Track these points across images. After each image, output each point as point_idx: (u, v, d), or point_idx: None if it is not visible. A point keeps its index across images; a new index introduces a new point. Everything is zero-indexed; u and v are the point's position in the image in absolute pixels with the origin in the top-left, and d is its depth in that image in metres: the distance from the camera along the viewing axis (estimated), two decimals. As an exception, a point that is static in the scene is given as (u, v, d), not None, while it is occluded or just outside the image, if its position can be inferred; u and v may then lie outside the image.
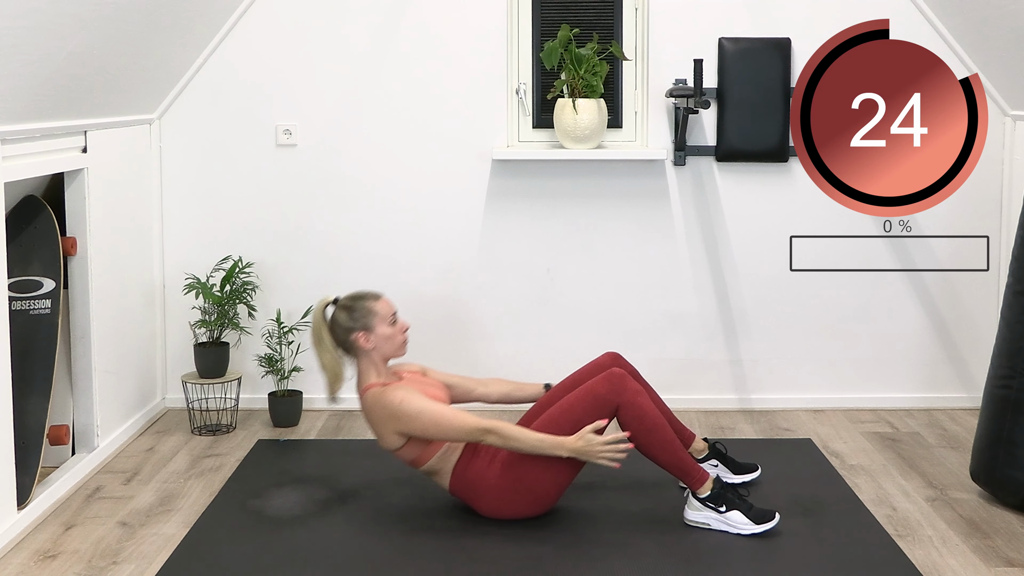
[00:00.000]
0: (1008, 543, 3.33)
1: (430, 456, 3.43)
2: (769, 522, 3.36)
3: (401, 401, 3.37)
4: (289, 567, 3.19)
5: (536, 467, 3.37)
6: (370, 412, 3.45)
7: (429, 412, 3.36)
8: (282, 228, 4.66)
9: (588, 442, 3.32)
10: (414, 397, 3.39)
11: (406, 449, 3.43)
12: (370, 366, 3.51)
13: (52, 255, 3.87)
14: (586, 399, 3.38)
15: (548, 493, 3.41)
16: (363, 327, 3.48)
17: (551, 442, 3.32)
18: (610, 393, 3.36)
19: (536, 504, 3.43)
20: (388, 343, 3.51)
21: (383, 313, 3.51)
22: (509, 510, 3.42)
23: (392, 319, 3.53)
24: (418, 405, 3.36)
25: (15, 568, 3.18)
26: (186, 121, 4.62)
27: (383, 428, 3.42)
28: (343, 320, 3.51)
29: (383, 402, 3.41)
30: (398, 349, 3.54)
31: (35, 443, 3.62)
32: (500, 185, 4.66)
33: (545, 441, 3.32)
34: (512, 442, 3.31)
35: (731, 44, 4.57)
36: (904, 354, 4.72)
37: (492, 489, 3.40)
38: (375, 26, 4.59)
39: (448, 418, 3.35)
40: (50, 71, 3.42)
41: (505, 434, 3.31)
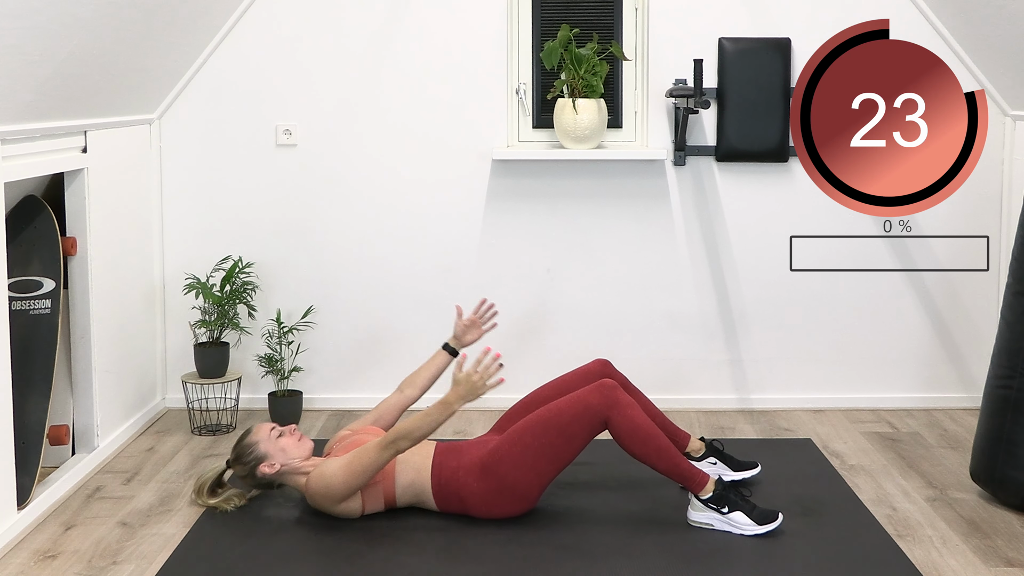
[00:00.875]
0: (1008, 543, 3.33)
1: (392, 491, 3.45)
2: (772, 522, 3.36)
3: (318, 479, 3.41)
4: (289, 567, 3.19)
5: (512, 468, 3.38)
6: (315, 502, 3.46)
7: (341, 465, 3.38)
8: (282, 228, 4.66)
9: (465, 383, 3.34)
10: (324, 468, 3.41)
11: (367, 502, 3.44)
12: (295, 475, 3.53)
13: (52, 255, 3.87)
14: (576, 407, 3.38)
15: (531, 489, 3.42)
16: (258, 460, 3.51)
17: (439, 410, 3.33)
18: (601, 405, 3.36)
19: (523, 501, 3.43)
20: (288, 452, 3.53)
21: (264, 436, 3.55)
22: (500, 510, 3.43)
23: (276, 433, 3.56)
24: (330, 469, 3.39)
25: (15, 568, 3.18)
26: (186, 121, 4.62)
27: (332, 506, 3.43)
28: (241, 471, 3.56)
29: (313, 491, 3.44)
30: (301, 449, 3.54)
31: (35, 443, 3.62)
32: (500, 185, 4.66)
33: (433, 414, 3.33)
34: (416, 433, 3.32)
35: (731, 44, 4.57)
36: (904, 354, 4.72)
37: (476, 495, 3.41)
38: (375, 26, 4.59)
39: (358, 458, 3.36)
40: (50, 71, 3.42)
41: (406, 433, 3.32)
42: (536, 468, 3.39)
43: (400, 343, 4.68)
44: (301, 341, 4.61)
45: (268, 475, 3.51)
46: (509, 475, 3.39)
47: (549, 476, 3.42)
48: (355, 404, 4.70)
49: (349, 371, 4.71)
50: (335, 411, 4.69)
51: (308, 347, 4.66)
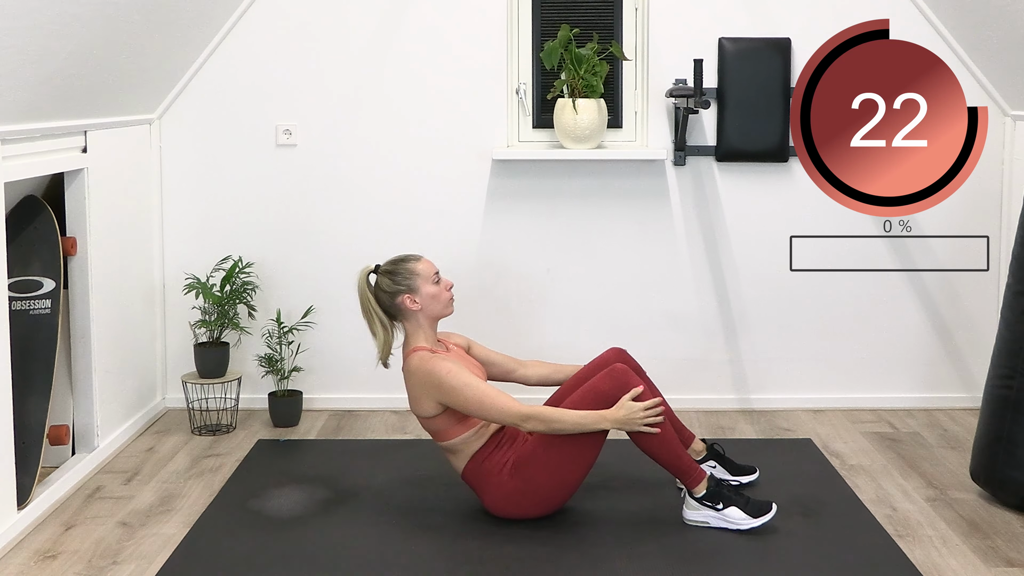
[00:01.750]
0: (1008, 543, 3.33)
1: (458, 434, 3.41)
2: (767, 514, 3.37)
3: (448, 372, 3.35)
4: (289, 567, 3.19)
5: (540, 470, 3.37)
6: (413, 375, 3.42)
7: (474, 389, 3.33)
8: (282, 228, 4.66)
9: (629, 410, 3.32)
10: (462, 371, 3.37)
11: (438, 420, 3.41)
12: (418, 328, 3.49)
13: (52, 255, 3.87)
14: (589, 396, 3.39)
15: (554, 496, 3.42)
16: (408, 289, 3.47)
17: (593, 418, 3.31)
18: (612, 389, 3.37)
19: (542, 506, 3.43)
20: (434, 302, 3.49)
21: (426, 273, 3.50)
22: (515, 510, 3.43)
23: (436, 278, 3.52)
24: (465, 379, 3.34)
25: (15, 568, 3.18)
26: (186, 121, 4.62)
27: (422, 393, 3.39)
28: (387, 285, 3.49)
29: (429, 368, 3.38)
30: (445, 307, 3.52)
31: (35, 443, 3.62)
32: (500, 185, 4.66)
33: (587, 418, 3.30)
34: (554, 424, 3.30)
35: (731, 44, 4.57)
36: (904, 354, 4.72)
37: (503, 486, 3.40)
38: (375, 26, 4.59)
39: (492, 398, 3.32)
40: (50, 71, 3.42)
41: (547, 418, 3.30)
42: (561, 469, 3.37)
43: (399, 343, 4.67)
44: (301, 341, 4.61)
45: (405, 308, 3.46)
46: (537, 476, 3.37)
47: (573, 477, 3.39)
48: (355, 404, 4.70)
49: (349, 371, 4.71)
50: (335, 411, 4.69)
51: (308, 347, 4.66)
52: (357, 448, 4.22)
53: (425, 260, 3.55)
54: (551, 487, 3.39)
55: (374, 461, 4.05)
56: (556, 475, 3.37)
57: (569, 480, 3.40)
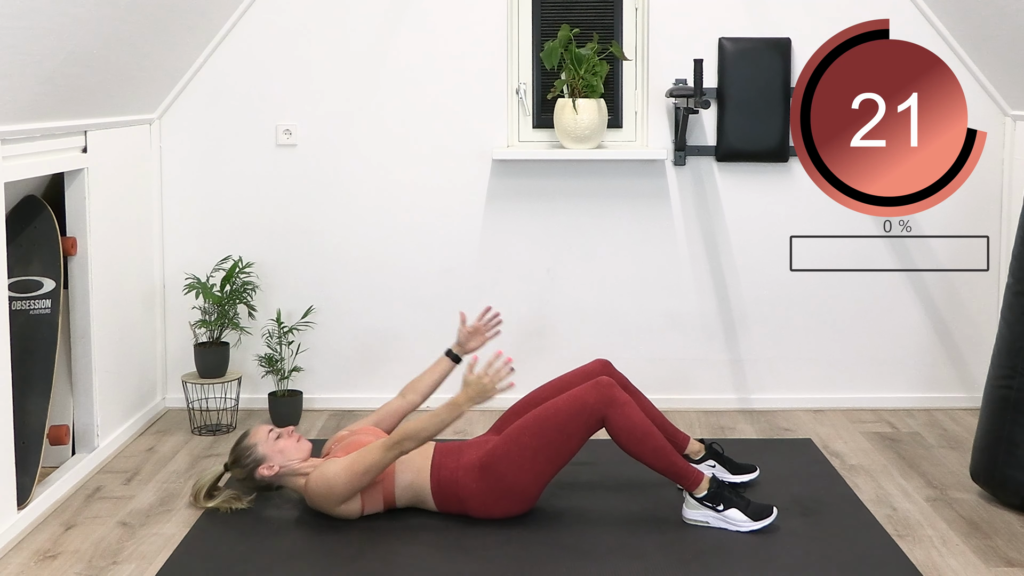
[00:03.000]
0: (1008, 543, 3.33)
1: (392, 491, 3.45)
2: (767, 518, 3.37)
3: (318, 480, 3.40)
4: (289, 567, 3.19)
5: (511, 468, 3.38)
6: (315, 503, 3.45)
7: (343, 466, 3.37)
8: (282, 228, 4.66)
9: (475, 385, 3.35)
10: (325, 468, 3.40)
11: (366, 502, 3.44)
12: (294, 477, 3.52)
13: (52, 255, 3.87)
14: (573, 406, 3.39)
15: (530, 489, 3.42)
16: (256, 463, 3.51)
17: (447, 411, 3.34)
18: (598, 403, 3.37)
19: (522, 501, 3.43)
20: (287, 454, 3.52)
21: (261, 438, 3.54)
22: (499, 510, 3.43)
23: (274, 435, 3.55)
24: (332, 470, 3.38)
25: (15, 568, 3.18)
26: (186, 121, 4.62)
27: (332, 507, 3.42)
28: (240, 473, 3.55)
29: (313, 492, 3.43)
30: (299, 450, 3.53)
31: (35, 443, 3.62)
32: (500, 185, 4.66)
33: (440, 415, 3.33)
34: (423, 433, 3.33)
35: (731, 44, 4.57)
36: (904, 354, 4.72)
37: (475, 496, 3.41)
38: (375, 26, 4.59)
39: (361, 458, 3.35)
40: (50, 71, 3.42)
41: (412, 434, 3.33)
42: (534, 468, 3.39)
43: (400, 343, 4.68)
44: (301, 341, 4.61)
45: (267, 477, 3.50)
46: (507, 475, 3.39)
47: (548, 475, 3.42)
48: (355, 404, 4.70)
49: (349, 371, 4.71)
50: (335, 411, 4.69)
51: (308, 347, 4.66)
52: (357, 448, 4.22)
53: (254, 428, 3.58)
54: (525, 482, 3.40)
55: (374, 461, 4.04)
56: (529, 475, 3.39)
57: (542, 478, 3.41)
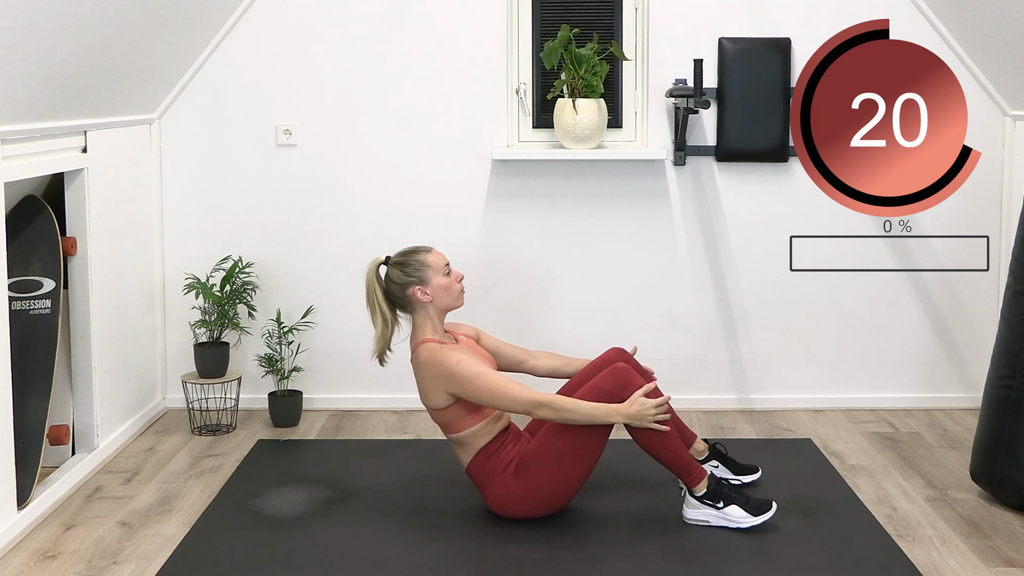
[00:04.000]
0: (1008, 543, 3.33)
1: (468, 426, 3.40)
2: (767, 512, 3.37)
3: (459, 362, 3.34)
4: (289, 567, 3.19)
5: (542, 469, 3.37)
6: (423, 367, 3.40)
7: (485, 378, 3.33)
8: (282, 228, 4.66)
9: (642, 405, 3.32)
10: (472, 360, 3.36)
11: (449, 411, 3.40)
12: (427, 320, 3.48)
13: (52, 255, 3.87)
14: (592, 395, 3.39)
15: (557, 497, 3.42)
16: (419, 280, 3.46)
17: (605, 410, 3.31)
18: (614, 387, 3.37)
19: (544, 507, 3.43)
20: (445, 294, 3.48)
21: (436, 264, 3.49)
22: (516, 509, 3.43)
23: (446, 269, 3.51)
24: (475, 369, 3.34)
25: (15, 568, 3.18)
26: (186, 121, 4.62)
27: (433, 385, 3.38)
28: (398, 276, 3.48)
29: (438, 359, 3.37)
30: (455, 299, 3.51)
31: (35, 443, 3.62)
32: (500, 185, 4.66)
33: (599, 410, 3.30)
34: (566, 413, 3.29)
35: (731, 44, 4.57)
36: (904, 354, 4.72)
37: (506, 485, 3.40)
38: (375, 26, 4.59)
39: (503, 387, 3.31)
40: (50, 71, 3.42)
41: (558, 406, 3.30)
42: (563, 468, 3.37)
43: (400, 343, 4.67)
44: (301, 341, 4.62)
45: (416, 300, 3.45)
46: (539, 476, 3.37)
47: (576, 478, 3.39)
48: (355, 404, 4.70)
49: (349, 371, 4.71)
50: (335, 411, 4.69)
51: (308, 347, 4.66)
52: (357, 448, 4.22)
53: (436, 252, 3.54)
54: (553, 488, 3.39)
55: (374, 461, 4.05)
56: (559, 475, 3.38)
57: (572, 481, 3.40)
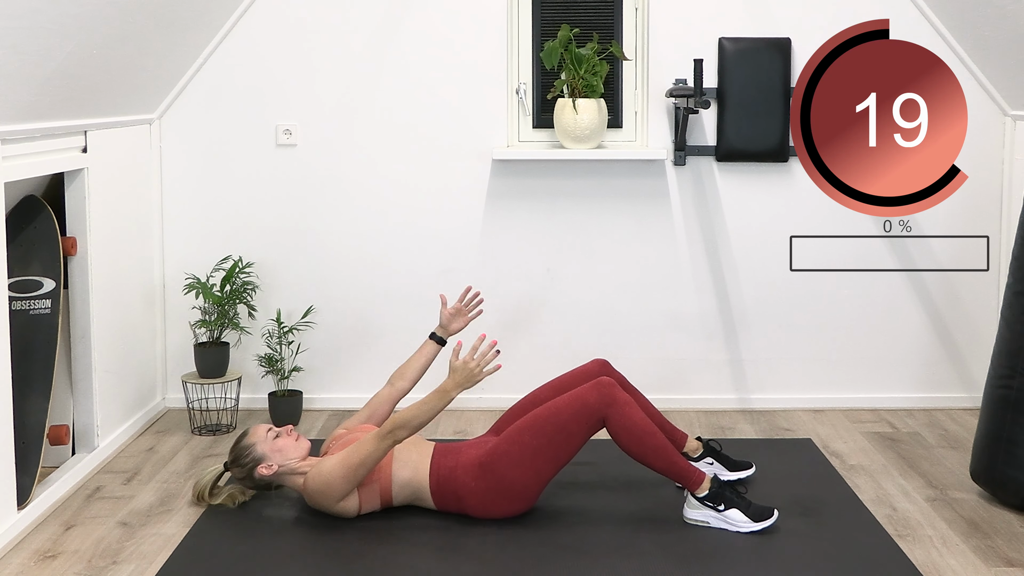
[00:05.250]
0: (1008, 543, 3.33)
1: (389, 488, 3.44)
2: (768, 519, 3.37)
3: (316, 477, 3.40)
4: (289, 567, 3.19)
5: (511, 468, 3.38)
6: (314, 501, 3.45)
7: (338, 461, 3.37)
8: (282, 228, 4.66)
9: (462, 370, 3.35)
10: (321, 466, 3.41)
11: (364, 500, 3.44)
12: (293, 476, 3.52)
13: (52, 255, 3.87)
14: (573, 405, 3.39)
15: (529, 489, 3.42)
16: (255, 462, 3.51)
17: (436, 398, 3.35)
18: (598, 403, 3.37)
19: (521, 500, 3.43)
20: (285, 453, 3.52)
21: (260, 437, 3.54)
22: (498, 510, 3.43)
23: (272, 434, 3.55)
24: (328, 466, 3.39)
25: (15, 568, 3.18)
26: (186, 121, 4.62)
27: (331, 504, 3.42)
28: (239, 473, 3.55)
29: (311, 489, 3.43)
30: (298, 449, 3.53)
31: (35, 443, 3.62)
32: (500, 185, 4.66)
33: (430, 402, 3.35)
34: (414, 421, 3.33)
35: (731, 44, 4.57)
36: (904, 354, 4.72)
37: (474, 494, 3.41)
38: (375, 26, 4.59)
39: (356, 451, 3.35)
40: (50, 71, 3.42)
41: (404, 422, 3.33)
42: (534, 467, 3.39)
43: (400, 343, 4.67)
44: (301, 341, 4.62)
45: (266, 476, 3.50)
46: (507, 474, 3.39)
47: (548, 475, 3.42)
48: (355, 404, 4.69)
49: (349, 371, 4.71)
50: (335, 411, 4.69)
51: (308, 347, 4.66)
52: (357, 448, 4.22)
53: (253, 428, 3.59)
54: (525, 482, 3.40)
55: (374, 461, 4.04)
56: (527, 470, 3.38)
57: (540, 469, 3.40)
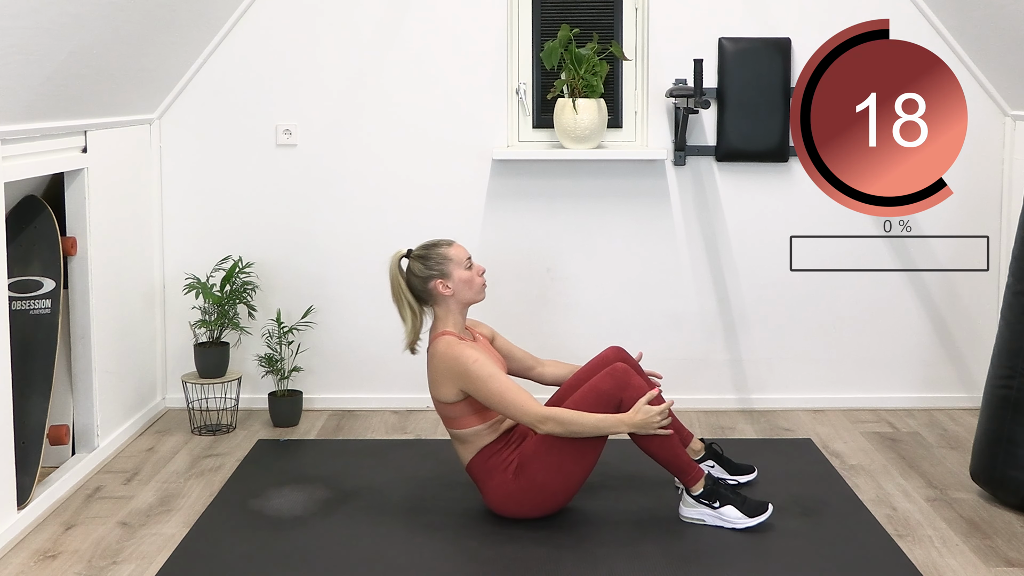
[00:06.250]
0: (1008, 543, 3.33)
1: (472, 424, 3.41)
2: (762, 514, 3.38)
3: (475, 360, 3.34)
4: (289, 567, 3.19)
5: (542, 469, 3.37)
6: (439, 359, 3.40)
7: (498, 382, 3.33)
8: (282, 228, 4.66)
9: (646, 414, 3.33)
10: (488, 361, 3.37)
11: (456, 407, 3.40)
12: (448, 314, 3.48)
13: (52, 255, 3.87)
14: (590, 396, 3.39)
15: (556, 497, 3.42)
16: (440, 274, 3.46)
17: (611, 421, 3.32)
18: (613, 388, 3.37)
19: (543, 507, 3.43)
20: (466, 287, 3.48)
21: (458, 258, 3.49)
22: (515, 509, 3.43)
23: (468, 263, 3.51)
24: (489, 370, 3.34)
25: (15, 568, 3.18)
26: (186, 121, 4.62)
27: (445, 379, 3.38)
28: (419, 270, 3.48)
29: (456, 354, 3.37)
30: (477, 293, 3.51)
31: (35, 443, 3.62)
32: (500, 185, 4.66)
33: (605, 421, 3.31)
34: (572, 427, 3.30)
35: (731, 44, 4.57)
36: (904, 354, 4.72)
37: (505, 485, 3.40)
38: (375, 26, 4.59)
39: (514, 395, 3.32)
40: (50, 71, 3.42)
41: (565, 420, 3.30)
42: (563, 469, 3.37)
43: (400, 343, 4.67)
44: (301, 341, 4.62)
45: (437, 293, 3.45)
46: (539, 476, 3.38)
47: (575, 478, 3.40)
48: (355, 404, 4.70)
49: (349, 371, 4.71)
50: (335, 411, 4.69)
51: (308, 347, 4.66)
52: (357, 448, 4.22)
53: (457, 245, 3.54)
54: (553, 488, 3.39)
55: (374, 461, 4.05)
56: (558, 476, 3.38)
57: (571, 481, 3.40)
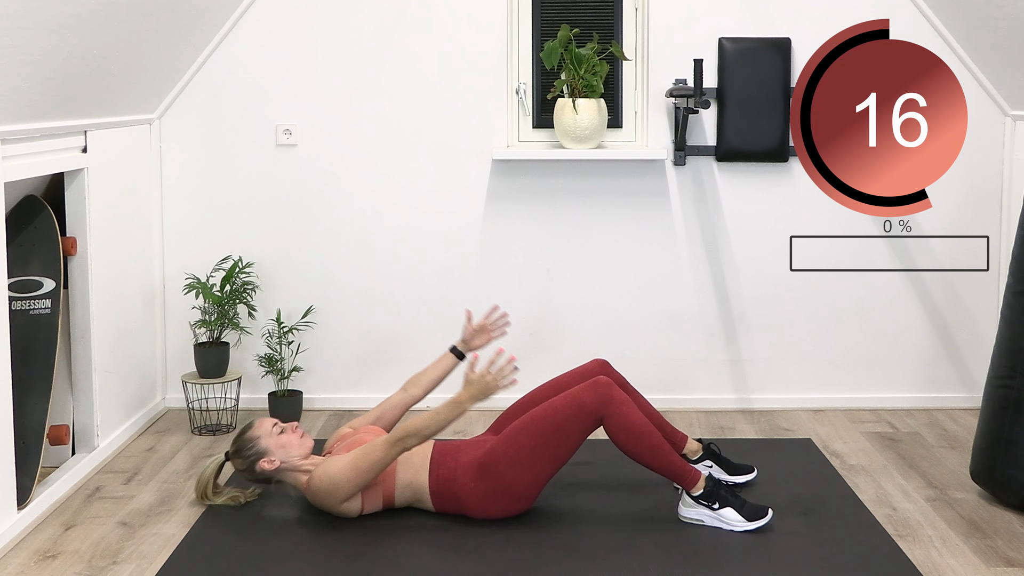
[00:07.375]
0: (1008, 543, 3.33)
1: (392, 489, 3.45)
2: (762, 518, 3.37)
3: (322, 477, 3.40)
4: (289, 567, 3.19)
5: (509, 468, 3.39)
6: (318, 500, 3.45)
7: (347, 463, 3.38)
8: (282, 228, 4.66)
9: (478, 383, 3.36)
10: (328, 466, 3.41)
11: (367, 501, 3.44)
12: (296, 473, 3.52)
13: (52, 255, 3.87)
14: (571, 406, 3.39)
15: (528, 489, 3.42)
16: (257, 455, 3.50)
17: (449, 409, 3.35)
18: (596, 403, 3.37)
19: (520, 501, 3.44)
20: (289, 450, 3.51)
21: (265, 431, 3.53)
22: (497, 510, 3.44)
23: (277, 429, 3.54)
24: (336, 467, 3.39)
25: (15, 568, 3.18)
26: (186, 121, 4.62)
27: (335, 505, 3.42)
28: (240, 464, 3.54)
29: (316, 489, 3.43)
30: (302, 446, 3.53)
31: (35, 443, 3.62)
32: (500, 185, 4.66)
33: (443, 412, 3.34)
34: (425, 431, 3.33)
35: (731, 44, 4.57)
36: (904, 354, 4.72)
37: (473, 495, 3.42)
38: (375, 26, 4.59)
39: (364, 455, 3.36)
40: (50, 71, 3.42)
41: (415, 431, 3.33)
42: (533, 467, 3.39)
43: (400, 343, 4.68)
44: (301, 341, 4.62)
45: (268, 471, 3.50)
46: (506, 474, 3.39)
47: (546, 475, 3.42)
48: (355, 404, 4.70)
49: (349, 371, 4.71)
50: (335, 411, 4.69)
51: (308, 347, 4.66)
52: (357, 448, 4.22)
53: (259, 420, 3.58)
54: (524, 482, 3.40)
55: (374, 461, 4.04)
56: (525, 470, 3.39)
57: (539, 469, 3.40)
